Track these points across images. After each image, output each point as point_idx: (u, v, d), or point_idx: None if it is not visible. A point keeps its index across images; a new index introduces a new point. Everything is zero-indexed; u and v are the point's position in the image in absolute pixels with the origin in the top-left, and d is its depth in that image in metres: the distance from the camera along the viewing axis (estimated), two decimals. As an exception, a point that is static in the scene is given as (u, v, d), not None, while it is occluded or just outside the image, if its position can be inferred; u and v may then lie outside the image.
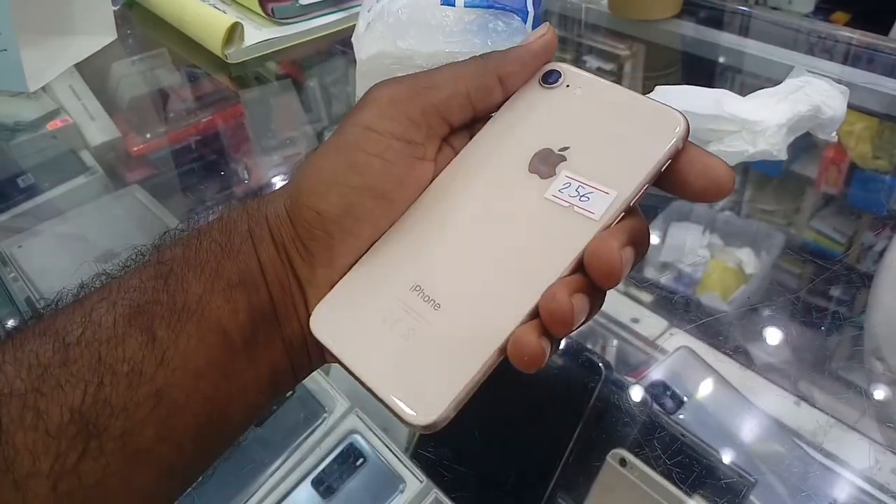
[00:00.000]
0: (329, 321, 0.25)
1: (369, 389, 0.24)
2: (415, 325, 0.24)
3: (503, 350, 0.23)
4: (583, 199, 0.24)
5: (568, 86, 0.27)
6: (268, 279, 0.26)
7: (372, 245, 0.26)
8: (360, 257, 0.26)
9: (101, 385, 0.22)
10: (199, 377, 0.23)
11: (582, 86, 0.27)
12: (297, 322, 0.26)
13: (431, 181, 0.27)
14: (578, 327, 0.23)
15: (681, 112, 0.25)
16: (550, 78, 0.27)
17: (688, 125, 0.24)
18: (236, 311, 0.25)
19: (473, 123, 0.28)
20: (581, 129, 0.26)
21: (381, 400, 0.23)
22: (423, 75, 0.27)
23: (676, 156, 0.24)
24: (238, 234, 0.26)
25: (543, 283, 0.23)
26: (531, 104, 0.27)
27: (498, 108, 0.28)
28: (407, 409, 0.23)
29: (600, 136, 0.26)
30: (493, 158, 0.27)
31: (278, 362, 0.26)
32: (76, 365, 0.22)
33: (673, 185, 0.25)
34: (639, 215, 0.25)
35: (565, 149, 0.26)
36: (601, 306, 0.25)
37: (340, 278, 0.26)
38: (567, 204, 0.24)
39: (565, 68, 0.28)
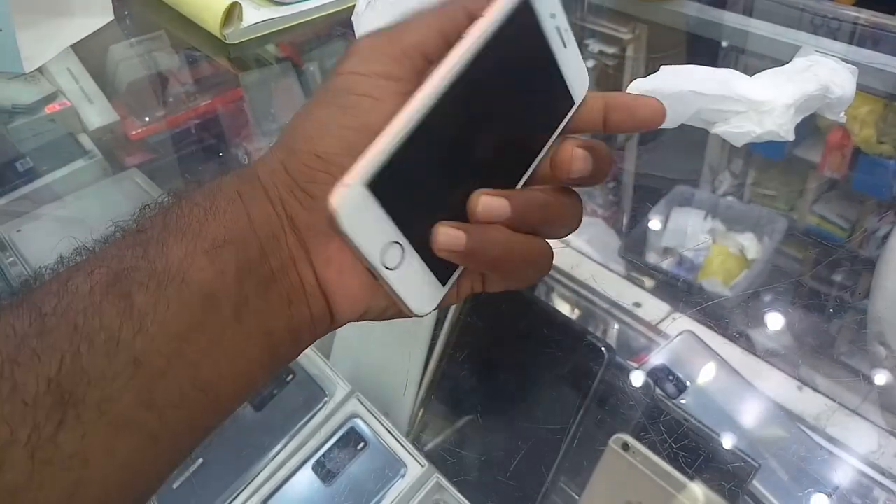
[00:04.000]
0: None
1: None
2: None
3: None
4: None
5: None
6: (260, 234, 0.25)
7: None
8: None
9: (78, 354, 0.22)
10: (182, 342, 0.23)
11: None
12: (296, 276, 0.26)
13: None
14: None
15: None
16: None
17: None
18: (222, 273, 0.24)
19: None
20: None
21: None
22: (397, 24, 0.28)
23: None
24: (224, 195, 0.26)
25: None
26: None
27: None
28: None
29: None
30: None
31: (274, 324, 0.25)
32: (52, 335, 0.22)
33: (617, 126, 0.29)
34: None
35: None
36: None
37: None
38: None
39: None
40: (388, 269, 0.25)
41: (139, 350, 0.22)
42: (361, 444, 0.46)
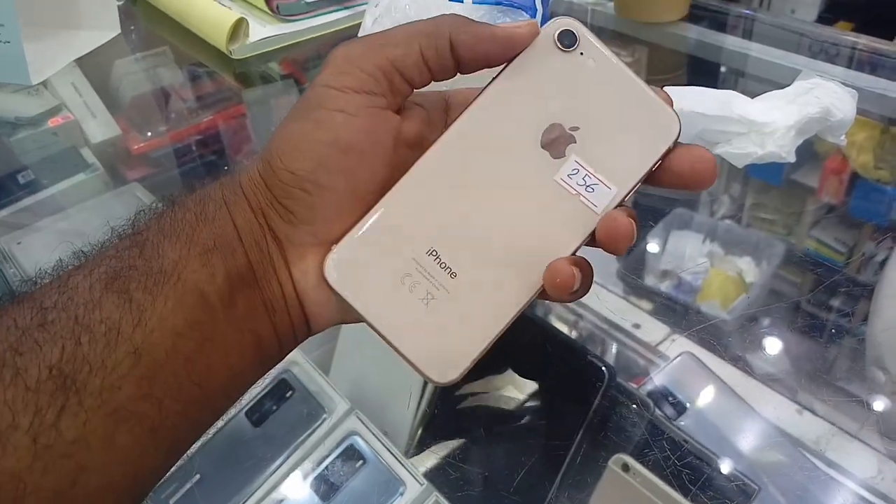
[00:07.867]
0: (344, 273, 0.26)
1: (392, 346, 0.26)
2: (433, 291, 0.27)
3: (510, 324, 0.27)
4: (588, 189, 0.27)
5: (582, 53, 0.27)
6: (245, 242, 0.26)
7: (379, 200, 0.27)
8: (367, 213, 0.27)
9: (79, 344, 0.22)
10: (179, 337, 0.24)
11: (595, 58, 0.27)
12: (277, 285, 0.26)
13: (407, 134, 0.28)
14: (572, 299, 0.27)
15: (677, 114, 0.27)
16: (566, 40, 0.27)
17: (680, 128, 0.27)
18: (214, 276, 0.25)
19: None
20: (591, 108, 0.27)
21: (404, 357, 0.26)
22: (378, 34, 0.27)
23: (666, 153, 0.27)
24: (212, 202, 0.26)
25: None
26: (543, 66, 0.27)
27: (455, 72, 0.28)
28: (429, 370, 0.26)
29: (608, 121, 0.27)
30: (503, 124, 0.28)
31: (261, 328, 0.26)
32: (54, 326, 0.22)
33: (665, 179, 0.27)
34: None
35: (575, 129, 0.27)
36: (588, 290, 0.27)
37: (324, 231, 0.27)
38: (574, 192, 0.27)
39: (582, 33, 0.27)
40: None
41: (139, 342, 0.23)
42: (360, 462, 0.45)
